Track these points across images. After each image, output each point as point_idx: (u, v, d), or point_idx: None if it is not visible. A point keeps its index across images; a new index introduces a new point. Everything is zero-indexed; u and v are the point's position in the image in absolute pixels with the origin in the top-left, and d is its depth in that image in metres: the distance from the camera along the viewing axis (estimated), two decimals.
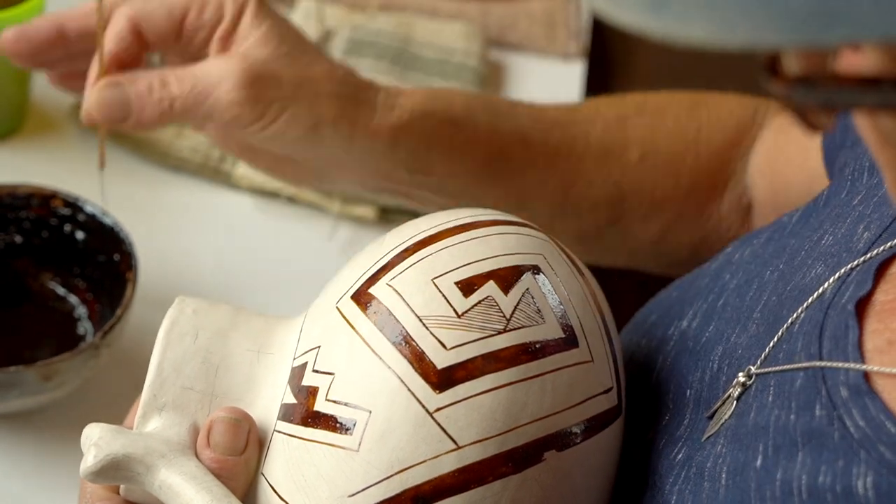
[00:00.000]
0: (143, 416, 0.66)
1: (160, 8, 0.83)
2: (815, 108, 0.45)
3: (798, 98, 0.44)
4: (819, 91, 0.43)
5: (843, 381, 0.58)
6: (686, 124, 0.92)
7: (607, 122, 0.91)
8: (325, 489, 0.62)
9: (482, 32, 1.27)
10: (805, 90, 0.44)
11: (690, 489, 0.64)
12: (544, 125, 0.90)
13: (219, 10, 0.83)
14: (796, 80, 0.44)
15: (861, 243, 0.64)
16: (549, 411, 0.62)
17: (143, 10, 0.83)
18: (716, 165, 0.92)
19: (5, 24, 1.05)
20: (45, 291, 0.99)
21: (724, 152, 0.93)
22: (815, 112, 0.46)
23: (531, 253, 0.66)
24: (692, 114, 0.93)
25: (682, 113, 0.93)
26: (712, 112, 0.93)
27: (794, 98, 0.44)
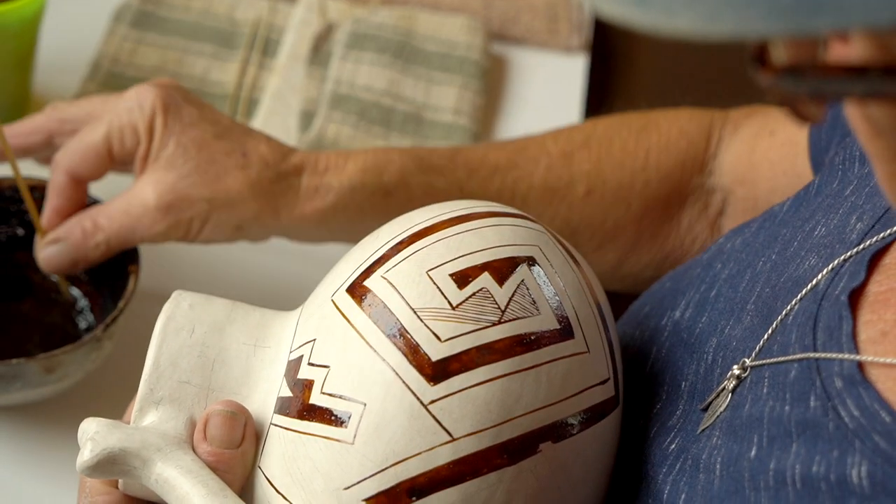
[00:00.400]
0: (140, 411, 0.66)
1: (87, 151, 0.89)
2: (804, 98, 0.45)
3: (786, 88, 0.44)
4: (807, 81, 0.43)
5: (838, 372, 0.59)
6: (634, 151, 0.93)
7: (551, 160, 0.92)
8: (320, 482, 0.62)
9: (484, 26, 1.27)
10: (793, 80, 0.43)
11: (685, 481, 0.64)
12: (484, 173, 0.91)
13: (134, 135, 0.88)
14: (784, 70, 0.44)
15: (854, 234, 0.64)
16: (544, 402, 0.62)
17: (73, 161, 0.89)
18: (669, 187, 0.93)
19: (7, 17, 1.06)
20: (48, 284, 0.99)
21: (676, 173, 0.93)
22: (805, 103, 0.46)
23: (526, 244, 0.66)
24: (640, 139, 0.93)
25: (630, 139, 0.93)
26: (662, 134, 0.93)
27: (783, 88, 0.44)
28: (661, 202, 0.93)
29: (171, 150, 0.87)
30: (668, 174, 0.93)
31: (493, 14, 1.29)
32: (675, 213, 0.94)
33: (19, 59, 1.11)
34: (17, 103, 1.14)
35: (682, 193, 0.93)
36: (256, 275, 1.06)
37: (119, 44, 1.22)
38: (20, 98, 1.14)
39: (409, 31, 1.24)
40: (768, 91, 0.45)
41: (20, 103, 1.15)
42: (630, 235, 0.93)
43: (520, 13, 1.29)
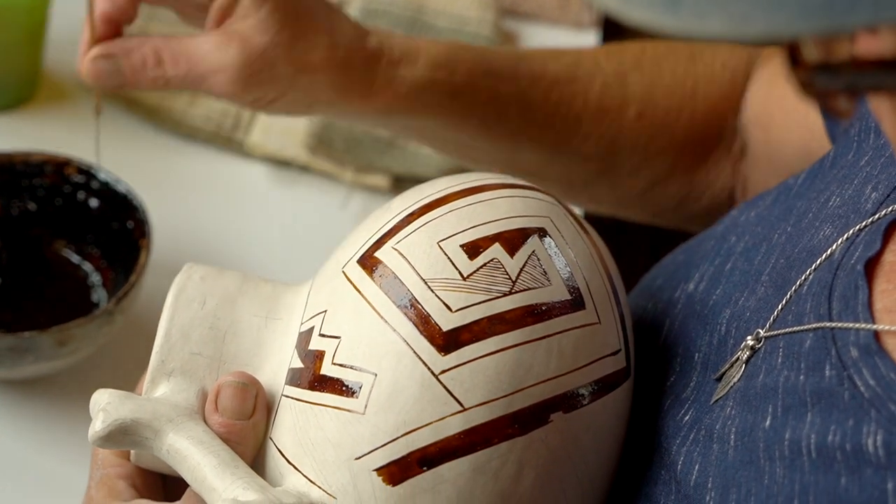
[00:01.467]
0: (152, 382, 0.66)
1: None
2: (838, 93, 0.45)
3: (820, 84, 0.44)
4: (842, 76, 0.43)
5: (854, 342, 0.58)
6: (683, 79, 0.91)
7: (606, 80, 0.90)
8: (332, 452, 0.62)
9: (495, 1, 1.27)
10: (827, 76, 0.43)
11: (699, 451, 0.64)
12: (544, 85, 0.89)
13: None
14: (817, 67, 0.43)
15: (869, 204, 0.64)
16: (555, 373, 0.62)
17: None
18: (710, 121, 0.92)
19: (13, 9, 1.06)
20: (60, 259, 1.00)
21: (718, 107, 0.92)
22: (838, 97, 0.45)
23: (537, 216, 0.66)
24: (688, 68, 0.92)
25: (679, 67, 0.92)
26: (706, 65, 0.92)
27: (817, 84, 0.44)
28: (703, 134, 0.92)
29: (265, 13, 0.80)
30: (713, 107, 0.92)
31: None
32: (711, 149, 0.93)
33: (30, 35, 1.11)
34: (28, 79, 1.14)
35: (718, 128, 0.92)
36: (267, 248, 1.06)
37: None
38: (31, 74, 1.14)
39: (420, 6, 1.24)
40: (803, 87, 0.44)
41: (31, 79, 1.15)
42: (667, 164, 0.92)
43: None
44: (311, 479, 0.62)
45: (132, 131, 1.15)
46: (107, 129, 1.11)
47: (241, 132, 1.14)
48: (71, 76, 1.17)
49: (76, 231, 1.00)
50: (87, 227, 0.99)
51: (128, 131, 1.15)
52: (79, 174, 0.98)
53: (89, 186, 0.98)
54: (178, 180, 1.12)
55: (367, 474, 0.61)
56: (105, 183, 0.98)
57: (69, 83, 1.17)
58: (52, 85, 1.16)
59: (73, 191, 0.99)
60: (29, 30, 1.10)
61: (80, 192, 0.99)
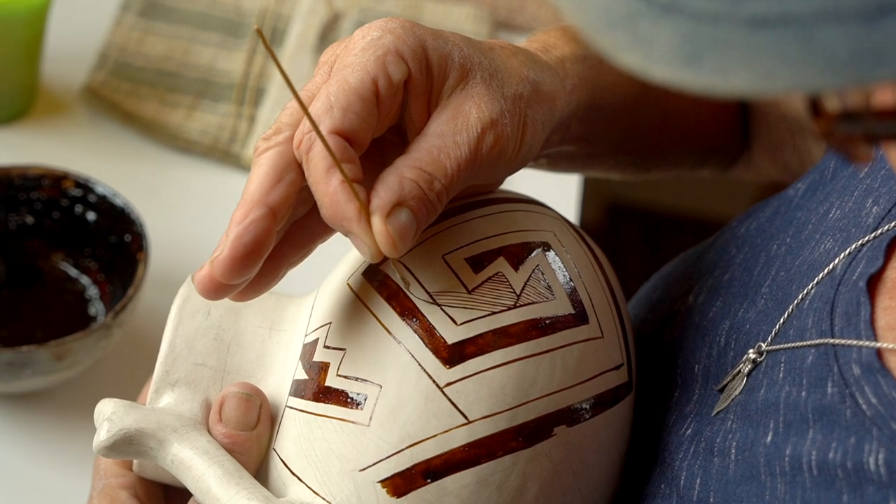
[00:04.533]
0: (156, 392, 0.66)
1: (350, 97, 0.62)
2: (859, 140, 0.45)
3: (841, 132, 0.44)
4: (863, 124, 0.43)
5: (856, 359, 0.58)
6: None
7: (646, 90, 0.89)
8: (336, 464, 0.62)
9: (491, 15, 1.27)
10: (849, 125, 0.43)
11: (700, 464, 0.64)
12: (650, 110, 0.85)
13: (400, 65, 0.63)
14: (839, 116, 0.43)
15: (870, 218, 0.64)
16: (558, 387, 0.63)
17: (341, 117, 0.61)
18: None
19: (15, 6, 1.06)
20: (57, 272, 0.99)
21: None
22: (857, 143, 0.45)
23: (541, 230, 0.66)
24: None
25: None
26: None
27: (838, 133, 0.44)
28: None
29: (458, 63, 0.65)
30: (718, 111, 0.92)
31: (500, 3, 1.29)
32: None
33: (27, 49, 1.11)
34: (25, 93, 1.14)
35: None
36: None
37: (127, 34, 1.22)
38: (28, 88, 1.14)
39: (415, 19, 1.24)
40: (824, 136, 0.44)
41: (28, 93, 1.15)
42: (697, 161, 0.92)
43: (525, 2, 1.29)
44: (314, 491, 0.62)
45: (129, 145, 1.15)
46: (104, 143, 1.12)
47: (238, 145, 1.14)
48: (68, 90, 1.17)
49: (74, 244, 1.00)
50: (85, 241, 0.99)
51: (125, 145, 1.15)
52: (76, 188, 0.98)
53: (87, 200, 0.98)
54: (175, 193, 1.12)
55: (371, 486, 0.61)
56: (102, 196, 0.98)
57: (66, 97, 1.17)
58: (50, 98, 1.17)
59: (71, 204, 0.99)
60: (26, 43, 1.10)
61: (77, 205, 0.99)
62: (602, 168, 0.84)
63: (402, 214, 0.60)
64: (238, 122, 1.16)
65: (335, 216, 0.60)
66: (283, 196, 0.61)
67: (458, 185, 0.63)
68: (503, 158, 0.65)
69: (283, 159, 0.62)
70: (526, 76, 0.67)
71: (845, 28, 0.36)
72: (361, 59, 0.62)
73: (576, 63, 0.72)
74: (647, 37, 0.39)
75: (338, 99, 0.61)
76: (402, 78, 0.63)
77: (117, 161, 1.12)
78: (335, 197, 0.60)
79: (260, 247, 0.61)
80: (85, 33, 1.22)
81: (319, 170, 0.60)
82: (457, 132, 0.63)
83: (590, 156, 0.80)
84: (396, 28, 0.64)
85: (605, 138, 0.78)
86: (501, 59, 0.67)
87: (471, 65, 0.65)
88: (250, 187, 0.62)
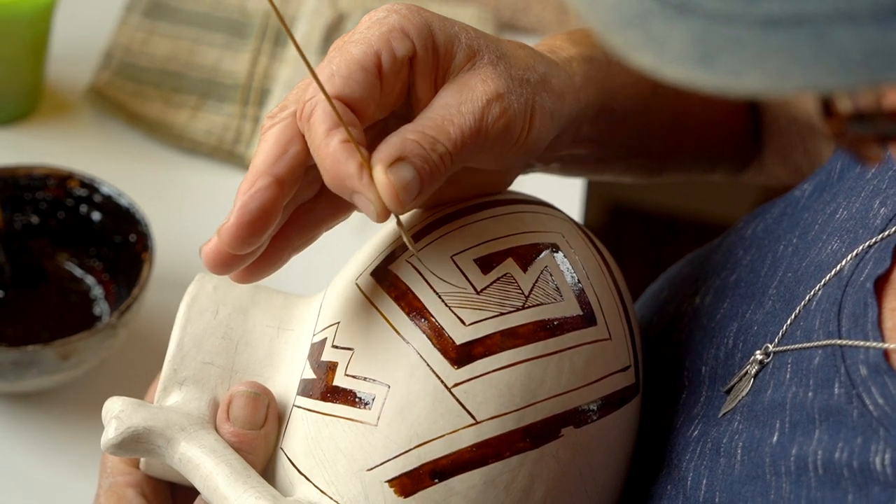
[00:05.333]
0: (164, 390, 0.66)
1: (351, 66, 0.62)
2: (871, 141, 0.45)
3: (853, 133, 0.44)
4: (874, 125, 0.43)
5: (863, 360, 0.58)
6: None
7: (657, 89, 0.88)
8: (343, 463, 0.62)
9: (495, 16, 1.27)
10: (860, 125, 0.43)
11: (706, 465, 0.64)
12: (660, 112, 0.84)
13: (405, 41, 0.63)
14: (851, 117, 0.43)
15: (878, 220, 0.64)
16: (566, 388, 0.63)
17: (342, 84, 0.62)
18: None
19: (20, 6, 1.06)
20: (62, 272, 1.00)
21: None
22: (870, 145, 0.45)
23: (550, 231, 0.66)
24: None
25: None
26: None
27: (850, 133, 0.44)
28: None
29: (465, 44, 0.65)
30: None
31: (504, 4, 1.29)
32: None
33: (32, 49, 1.11)
34: (30, 93, 1.15)
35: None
36: None
37: (131, 34, 1.22)
38: (33, 87, 1.15)
39: None
40: (836, 136, 0.44)
41: (33, 93, 1.15)
42: (709, 165, 0.92)
43: (530, 3, 1.29)
44: (322, 490, 0.62)
45: (134, 145, 1.15)
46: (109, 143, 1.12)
47: (243, 146, 1.15)
48: (73, 90, 1.17)
49: (79, 244, 1.00)
50: (90, 241, 0.99)
51: (130, 145, 1.15)
52: (81, 188, 0.98)
53: (92, 200, 0.99)
54: (180, 194, 1.12)
55: (378, 485, 0.61)
56: (108, 196, 0.98)
57: (71, 97, 1.17)
58: (55, 98, 1.17)
59: (76, 204, 0.99)
60: (31, 43, 1.10)
61: (82, 205, 0.99)
62: (614, 172, 0.84)
63: (404, 168, 0.60)
64: (242, 122, 1.16)
65: (337, 175, 0.59)
66: (288, 167, 0.62)
67: (463, 153, 0.62)
68: (510, 135, 0.64)
69: (287, 133, 0.63)
70: (532, 65, 0.67)
71: (858, 28, 0.36)
72: (366, 35, 0.63)
73: (583, 63, 0.72)
74: (661, 36, 0.39)
75: (339, 68, 0.62)
76: (407, 54, 0.63)
77: (122, 161, 1.12)
78: (336, 156, 0.59)
79: (266, 215, 0.61)
80: (90, 34, 1.23)
81: (320, 133, 0.60)
82: (462, 102, 0.63)
83: (601, 160, 0.80)
84: (402, 9, 0.64)
85: (616, 142, 0.78)
86: (509, 48, 0.67)
87: (478, 46, 0.65)
88: (256, 160, 0.62)
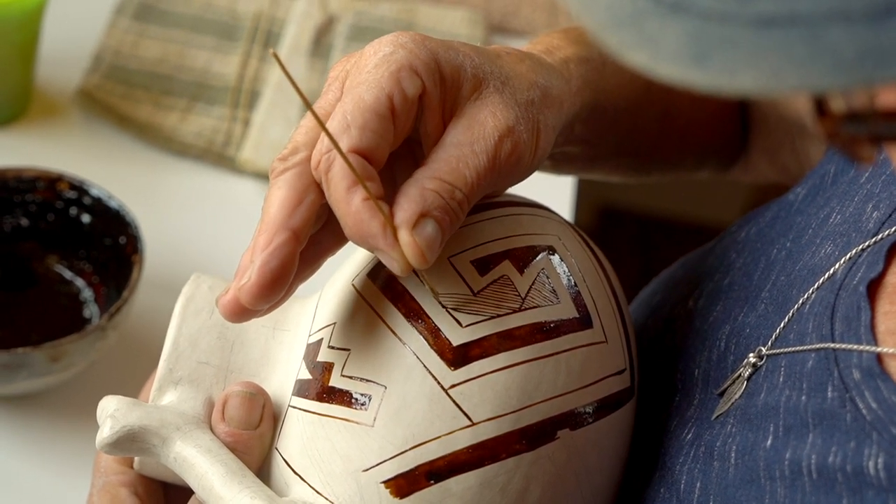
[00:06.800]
0: (159, 390, 0.66)
1: (366, 115, 0.61)
2: (864, 141, 0.45)
3: (846, 133, 0.44)
4: (869, 125, 0.43)
5: (856, 364, 0.59)
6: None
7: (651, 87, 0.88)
8: (339, 464, 0.62)
9: (485, 19, 1.27)
10: (853, 125, 0.43)
11: (700, 468, 0.64)
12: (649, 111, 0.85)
13: (414, 79, 0.63)
14: (844, 117, 0.43)
15: (871, 223, 0.65)
16: (562, 390, 0.63)
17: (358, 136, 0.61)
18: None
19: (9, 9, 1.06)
20: (52, 274, 0.99)
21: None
22: (863, 145, 0.45)
23: (546, 234, 0.67)
24: None
25: None
26: None
27: (843, 133, 0.44)
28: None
29: (471, 73, 0.65)
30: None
31: (494, 7, 1.29)
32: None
33: (21, 52, 1.11)
34: (19, 96, 1.14)
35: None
36: None
37: (121, 37, 1.22)
38: (22, 90, 1.14)
39: (410, 23, 1.25)
40: (829, 136, 0.44)
41: (22, 96, 1.15)
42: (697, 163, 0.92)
43: (520, 6, 1.30)
44: (317, 490, 0.62)
45: (124, 148, 1.15)
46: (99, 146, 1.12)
47: (233, 148, 1.14)
48: (62, 92, 1.17)
49: (68, 246, 1.00)
50: (80, 243, 0.99)
51: (120, 148, 1.15)
52: (71, 190, 0.98)
53: (81, 202, 0.98)
54: (170, 196, 1.12)
55: (374, 486, 0.61)
56: (97, 199, 0.98)
57: (61, 99, 1.17)
58: (44, 101, 1.16)
59: (66, 206, 0.99)
60: (21, 46, 1.10)
61: (72, 207, 0.99)
62: (603, 170, 0.84)
63: (428, 225, 0.60)
64: (233, 125, 1.16)
65: (360, 234, 0.60)
66: (304, 218, 0.61)
67: (478, 193, 0.63)
68: (521, 165, 0.64)
69: (302, 180, 0.62)
70: (535, 81, 0.67)
71: (852, 28, 0.36)
72: (375, 76, 0.62)
73: (579, 64, 0.72)
74: (655, 35, 0.39)
75: (354, 117, 0.61)
76: (417, 92, 0.62)
77: (112, 163, 1.12)
78: (359, 216, 0.59)
79: (286, 271, 0.61)
80: (79, 36, 1.22)
81: (341, 189, 0.60)
82: (474, 141, 0.62)
83: (592, 158, 0.80)
84: (408, 42, 0.63)
85: (607, 140, 0.78)
86: (510, 66, 0.67)
87: (483, 74, 0.65)
88: (271, 210, 0.61)
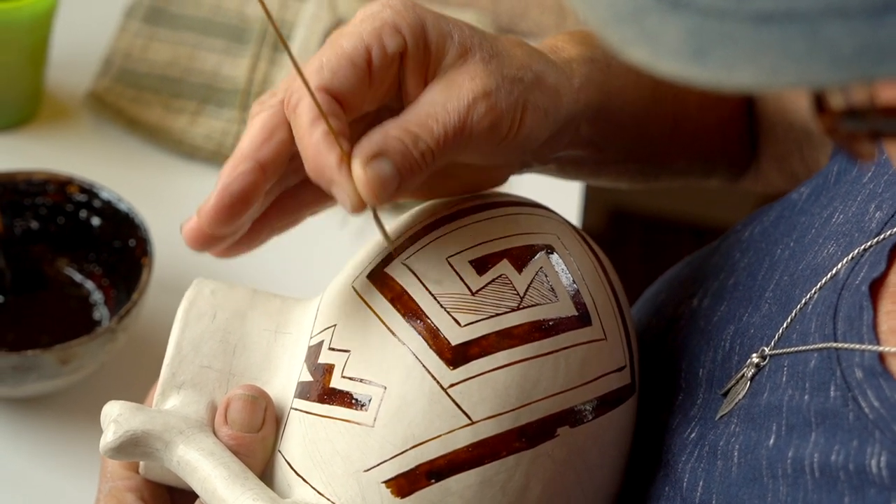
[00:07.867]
0: (162, 394, 0.66)
1: (341, 61, 0.63)
2: (863, 137, 0.45)
3: (845, 129, 0.44)
4: (868, 121, 0.43)
5: (858, 363, 0.59)
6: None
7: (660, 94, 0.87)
8: (340, 464, 0.62)
9: (493, 21, 1.27)
10: (853, 121, 0.43)
11: (703, 467, 0.64)
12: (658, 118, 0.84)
13: (396, 37, 0.64)
14: (843, 113, 0.43)
15: (874, 223, 0.65)
16: (562, 388, 0.63)
17: (330, 76, 0.63)
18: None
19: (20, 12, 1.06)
20: (62, 277, 1.00)
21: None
22: (862, 142, 0.45)
23: (545, 233, 0.67)
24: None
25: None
26: None
27: (842, 129, 0.44)
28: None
29: (457, 41, 0.65)
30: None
31: (502, 9, 1.29)
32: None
33: (32, 55, 1.11)
34: (29, 99, 1.15)
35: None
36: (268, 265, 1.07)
37: (131, 40, 1.22)
38: (33, 93, 1.15)
39: None
40: (828, 132, 0.44)
41: (33, 99, 1.15)
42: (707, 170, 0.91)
43: (528, 8, 1.30)
44: (319, 491, 0.63)
45: (133, 150, 1.15)
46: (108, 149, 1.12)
47: None
48: (73, 96, 1.18)
49: (78, 249, 1.00)
50: (90, 246, 1.00)
51: (129, 151, 1.15)
52: (81, 193, 0.99)
53: (91, 205, 0.99)
54: (179, 199, 1.12)
55: (375, 486, 0.61)
56: (107, 201, 0.98)
57: (71, 103, 1.17)
58: (54, 104, 1.17)
59: (76, 209, 0.99)
60: (31, 49, 1.11)
61: (82, 210, 0.99)
62: (611, 176, 0.84)
63: (384, 163, 0.61)
64: (242, 127, 1.16)
65: (317, 166, 0.61)
66: (272, 152, 0.63)
67: (445, 149, 0.63)
68: (496, 133, 0.64)
69: (273, 119, 0.64)
70: (528, 64, 0.67)
71: (850, 24, 0.37)
72: (358, 29, 0.64)
73: (583, 64, 0.72)
74: (655, 31, 0.39)
75: (329, 60, 0.63)
76: (397, 50, 0.64)
77: (121, 166, 1.13)
78: (317, 147, 0.61)
79: (246, 198, 0.63)
80: (89, 39, 1.23)
81: (304, 122, 0.61)
82: (448, 100, 0.63)
83: (599, 162, 0.80)
84: (397, 4, 0.65)
85: (614, 144, 0.78)
86: (505, 47, 0.68)
87: (471, 44, 0.66)
88: (241, 144, 0.64)
